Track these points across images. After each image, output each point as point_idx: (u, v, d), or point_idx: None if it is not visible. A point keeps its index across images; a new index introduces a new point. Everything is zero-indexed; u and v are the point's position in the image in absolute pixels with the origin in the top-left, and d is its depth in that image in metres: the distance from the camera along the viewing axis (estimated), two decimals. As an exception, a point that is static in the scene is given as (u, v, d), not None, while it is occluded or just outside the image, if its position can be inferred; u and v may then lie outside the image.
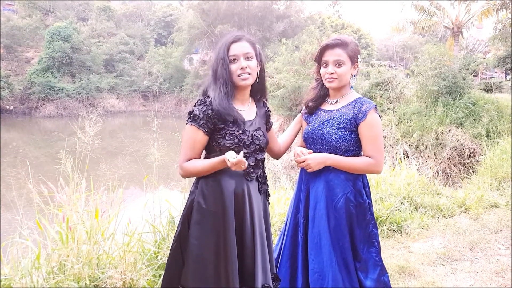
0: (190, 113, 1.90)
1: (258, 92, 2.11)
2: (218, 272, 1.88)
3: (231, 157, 1.73)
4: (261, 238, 1.98)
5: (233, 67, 1.91)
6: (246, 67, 1.91)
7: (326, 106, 2.27)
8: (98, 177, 3.36)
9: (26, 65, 33.02)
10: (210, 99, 1.88)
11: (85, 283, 2.56)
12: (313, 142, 2.22)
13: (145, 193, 3.49)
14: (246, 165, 1.76)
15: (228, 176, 1.91)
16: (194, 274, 1.91)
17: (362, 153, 2.18)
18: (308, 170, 2.15)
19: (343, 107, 2.18)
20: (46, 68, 30.82)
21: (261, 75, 2.04)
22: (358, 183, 2.16)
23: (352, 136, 2.13)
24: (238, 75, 1.91)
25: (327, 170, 2.15)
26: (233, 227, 1.89)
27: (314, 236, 2.16)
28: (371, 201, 2.24)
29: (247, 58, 1.93)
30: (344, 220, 2.11)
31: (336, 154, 2.13)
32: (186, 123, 1.91)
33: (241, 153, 1.75)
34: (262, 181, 2.06)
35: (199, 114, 1.87)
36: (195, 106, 1.90)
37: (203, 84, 2.01)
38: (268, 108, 2.21)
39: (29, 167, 3.17)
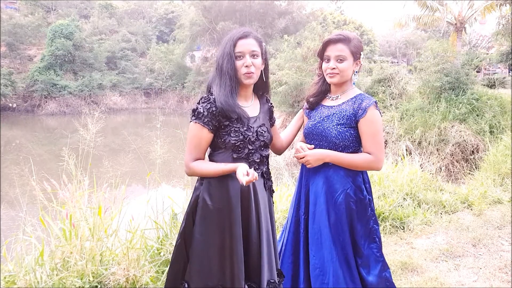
0: (194, 110, 1.88)
1: (260, 89, 2.11)
2: (223, 268, 1.88)
3: (243, 175, 1.71)
4: (267, 234, 1.98)
5: (238, 63, 1.89)
6: (251, 65, 1.89)
7: (327, 102, 2.27)
8: (101, 174, 3.37)
9: (28, 62, 33.09)
10: (213, 96, 1.87)
11: (89, 280, 2.57)
12: (313, 138, 2.21)
13: (147, 190, 3.49)
14: (257, 177, 1.76)
15: (233, 173, 1.91)
16: (199, 270, 1.92)
17: (362, 149, 2.17)
18: (307, 166, 2.15)
19: (343, 103, 2.18)
20: (49, 65, 30.90)
21: (265, 73, 2.03)
22: (358, 179, 2.15)
23: (352, 132, 2.12)
24: (243, 73, 1.90)
25: (326, 166, 2.14)
26: (239, 224, 1.89)
27: (314, 232, 2.16)
28: (372, 197, 2.23)
29: (253, 56, 1.91)
30: (344, 216, 2.11)
31: (336, 150, 2.12)
32: (190, 121, 1.89)
33: (252, 170, 1.75)
34: (267, 177, 2.06)
35: (203, 111, 1.85)
36: (198, 103, 1.89)
37: (208, 79, 1.99)
38: (271, 104, 2.20)
39: (32, 164, 3.18)
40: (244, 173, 1.72)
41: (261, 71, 2.01)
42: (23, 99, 30.61)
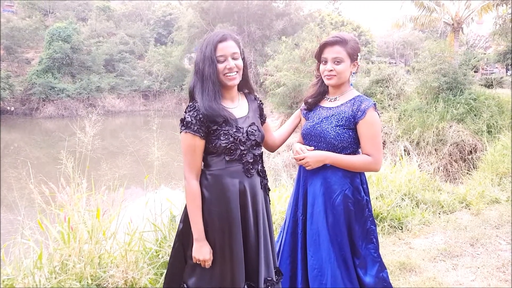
0: (182, 120, 1.88)
1: (243, 87, 2.10)
2: (223, 270, 1.89)
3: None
4: (264, 233, 1.99)
5: (221, 66, 1.89)
6: (234, 67, 1.90)
7: (325, 103, 2.27)
8: (99, 177, 3.37)
9: (26, 66, 33.06)
10: (198, 103, 1.87)
11: (87, 282, 2.57)
12: (311, 139, 2.22)
13: (146, 192, 3.49)
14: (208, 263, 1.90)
15: (229, 175, 1.91)
16: (197, 272, 1.92)
17: (360, 151, 2.18)
18: (307, 168, 2.15)
19: (342, 104, 2.18)
20: (47, 68, 30.86)
21: (244, 72, 2.03)
22: (356, 180, 2.16)
23: (350, 134, 2.13)
24: (225, 74, 1.90)
25: (324, 167, 2.15)
26: (239, 226, 1.90)
27: (312, 233, 2.17)
28: (369, 198, 2.24)
29: (234, 58, 1.92)
30: (342, 216, 2.12)
31: (334, 152, 2.13)
32: (181, 131, 1.89)
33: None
34: (263, 176, 2.06)
35: (192, 120, 1.85)
36: (185, 112, 1.89)
37: (189, 84, 1.98)
38: (261, 101, 2.20)
39: (30, 167, 3.18)
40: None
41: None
42: (21, 102, 30.57)
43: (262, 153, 2.08)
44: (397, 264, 3.35)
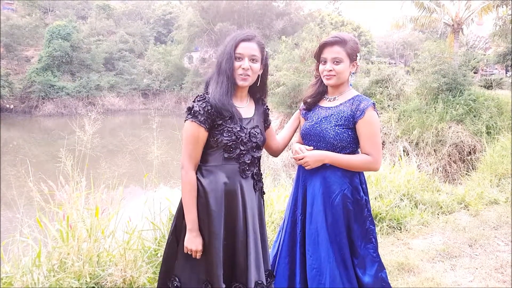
0: (190, 109, 1.88)
1: (257, 92, 2.12)
2: (206, 265, 1.90)
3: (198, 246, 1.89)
4: (254, 235, 1.98)
5: (237, 64, 1.91)
6: (248, 69, 1.91)
7: (324, 103, 2.28)
8: (98, 175, 3.36)
9: (26, 64, 33.06)
10: (209, 95, 1.89)
11: (86, 281, 2.57)
12: (310, 139, 2.22)
13: (145, 191, 3.49)
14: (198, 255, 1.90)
15: (223, 172, 1.92)
16: (187, 266, 1.94)
17: (359, 150, 2.18)
18: (306, 168, 2.15)
19: (341, 104, 2.19)
20: (46, 66, 30.86)
21: (263, 78, 2.04)
22: (355, 180, 2.17)
23: (350, 133, 2.13)
24: (239, 74, 1.91)
25: (323, 167, 2.15)
26: (219, 223, 1.89)
27: (311, 232, 2.17)
28: (368, 197, 2.24)
29: (252, 60, 1.93)
30: (341, 216, 2.12)
31: (333, 151, 2.13)
32: (186, 119, 1.89)
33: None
34: (257, 179, 2.07)
35: (200, 110, 1.86)
36: (194, 101, 1.90)
37: (207, 75, 2.01)
38: (267, 106, 2.21)
39: (29, 165, 3.18)
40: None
41: (259, 75, 2.02)
42: (21, 100, 30.56)
43: (260, 156, 2.08)
44: (395, 264, 3.36)
